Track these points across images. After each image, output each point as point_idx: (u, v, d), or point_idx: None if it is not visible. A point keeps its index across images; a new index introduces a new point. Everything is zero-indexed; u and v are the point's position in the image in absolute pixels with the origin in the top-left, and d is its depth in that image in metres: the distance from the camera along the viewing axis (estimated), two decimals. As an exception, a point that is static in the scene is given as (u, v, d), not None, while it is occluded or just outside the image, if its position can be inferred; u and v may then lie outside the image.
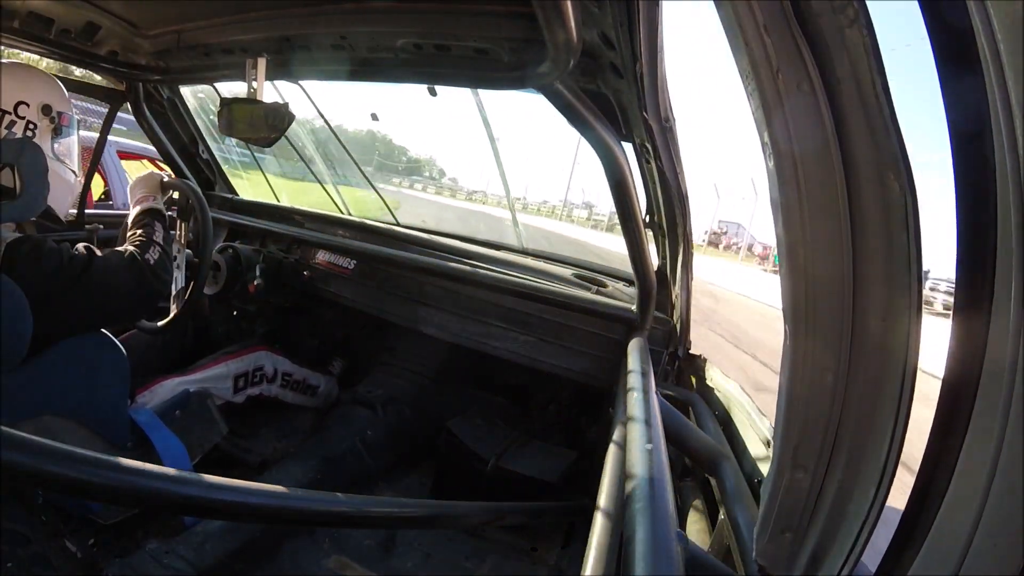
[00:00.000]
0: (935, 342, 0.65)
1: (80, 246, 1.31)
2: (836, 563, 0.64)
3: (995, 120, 0.41)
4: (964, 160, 0.46)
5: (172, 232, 1.67)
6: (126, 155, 4.54)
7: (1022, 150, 0.39)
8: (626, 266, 1.73)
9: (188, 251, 1.85)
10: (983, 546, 0.46)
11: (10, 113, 1.26)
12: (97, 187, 4.77)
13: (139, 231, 1.50)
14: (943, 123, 0.45)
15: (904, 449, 0.61)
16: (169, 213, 1.79)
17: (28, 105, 1.29)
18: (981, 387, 0.47)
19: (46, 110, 1.32)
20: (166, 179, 1.75)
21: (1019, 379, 0.43)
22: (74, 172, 1.44)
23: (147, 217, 1.56)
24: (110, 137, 4.26)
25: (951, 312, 0.51)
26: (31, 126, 1.29)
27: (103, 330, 1.38)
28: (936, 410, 0.52)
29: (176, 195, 1.78)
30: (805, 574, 0.67)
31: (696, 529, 1.20)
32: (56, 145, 1.36)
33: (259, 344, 2.09)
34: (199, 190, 1.78)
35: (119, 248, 1.40)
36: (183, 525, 1.46)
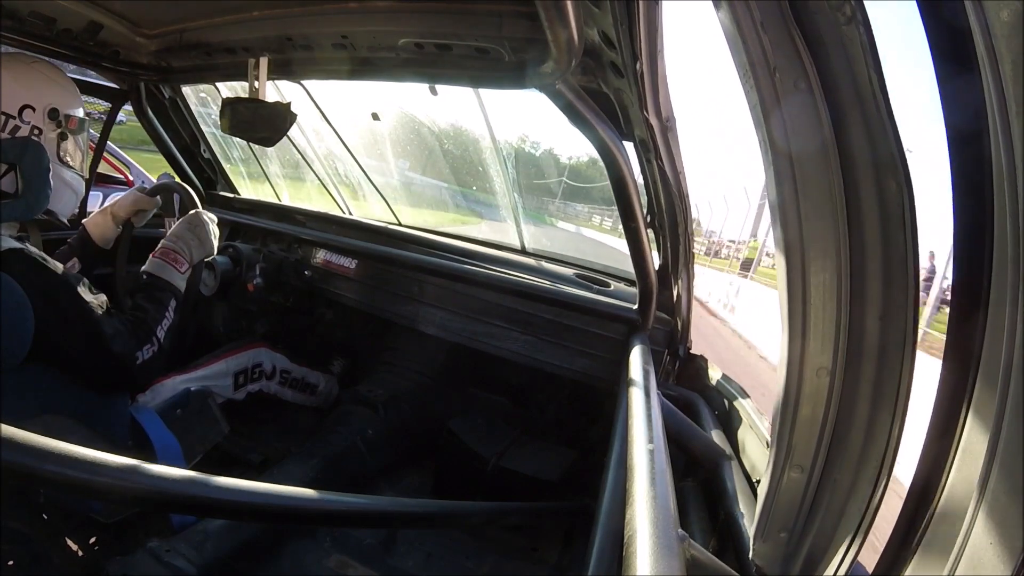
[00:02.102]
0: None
1: (93, 302, 1.25)
2: (832, 564, 0.64)
3: (992, 119, 0.41)
4: (961, 159, 0.46)
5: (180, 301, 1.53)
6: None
7: (1019, 149, 0.39)
8: (627, 266, 1.73)
9: None
10: (979, 546, 0.46)
11: (14, 118, 1.22)
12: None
13: (151, 309, 1.39)
14: (941, 122, 0.45)
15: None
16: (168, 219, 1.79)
17: (34, 109, 1.25)
18: (977, 386, 0.47)
19: (53, 114, 1.28)
20: (214, 246, 1.64)
21: (1015, 378, 0.43)
22: (81, 176, 1.41)
23: (166, 294, 1.44)
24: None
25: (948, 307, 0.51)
26: (36, 131, 1.25)
27: None
28: (933, 409, 0.51)
29: (178, 198, 1.78)
30: (802, 574, 0.67)
31: (697, 529, 1.20)
32: (62, 149, 1.32)
33: (258, 341, 2.09)
34: (195, 196, 1.76)
35: (122, 329, 1.31)
36: (172, 527, 1.46)
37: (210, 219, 1.62)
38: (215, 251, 1.65)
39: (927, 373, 0.59)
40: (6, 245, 1.18)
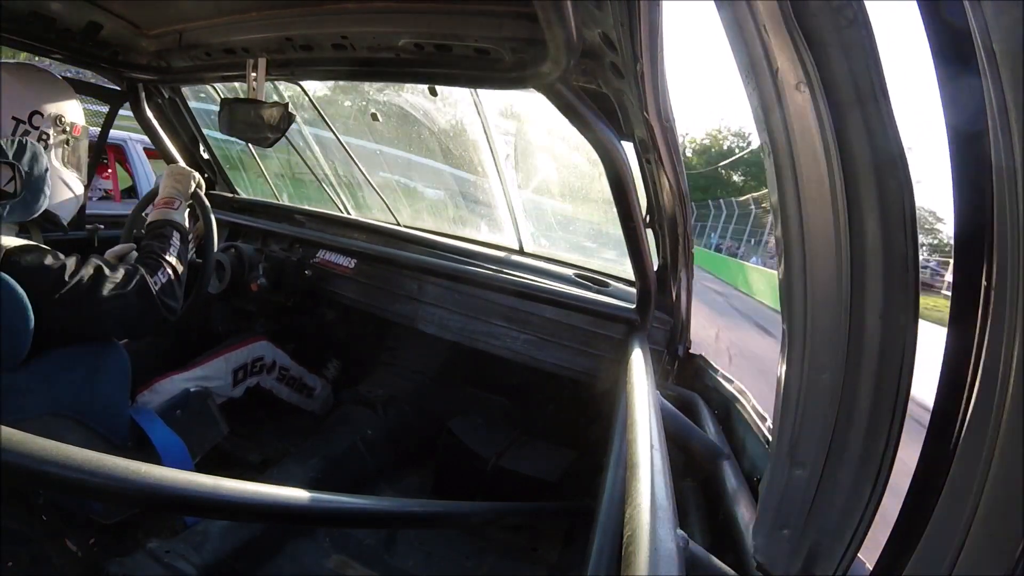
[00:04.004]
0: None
1: (90, 266, 1.25)
2: (833, 561, 0.64)
3: (991, 122, 0.41)
4: (962, 160, 0.46)
5: (189, 239, 1.60)
6: (151, 152, 4.36)
7: (1018, 151, 0.39)
8: (627, 266, 1.73)
9: (191, 253, 1.84)
10: (978, 544, 0.46)
11: (24, 123, 1.26)
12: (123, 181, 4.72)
13: (154, 243, 1.43)
14: (941, 123, 0.46)
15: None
16: None
17: (42, 115, 1.28)
18: (976, 386, 0.47)
19: (59, 121, 1.32)
20: (200, 180, 1.70)
21: (1015, 377, 0.43)
22: (82, 182, 1.44)
23: (166, 227, 1.48)
24: (136, 135, 4.18)
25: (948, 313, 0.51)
26: (44, 136, 1.29)
27: None
28: (932, 409, 0.52)
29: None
30: (803, 572, 0.67)
31: (697, 529, 1.20)
32: (66, 155, 1.36)
33: (260, 335, 2.08)
34: (202, 192, 1.77)
35: (129, 268, 1.32)
36: (184, 524, 1.47)
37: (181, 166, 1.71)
38: (201, 179, 1.71)
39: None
40: (6, 244, 1.19)
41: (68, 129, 1.34)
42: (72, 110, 1.37)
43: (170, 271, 1.38)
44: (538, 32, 0.93)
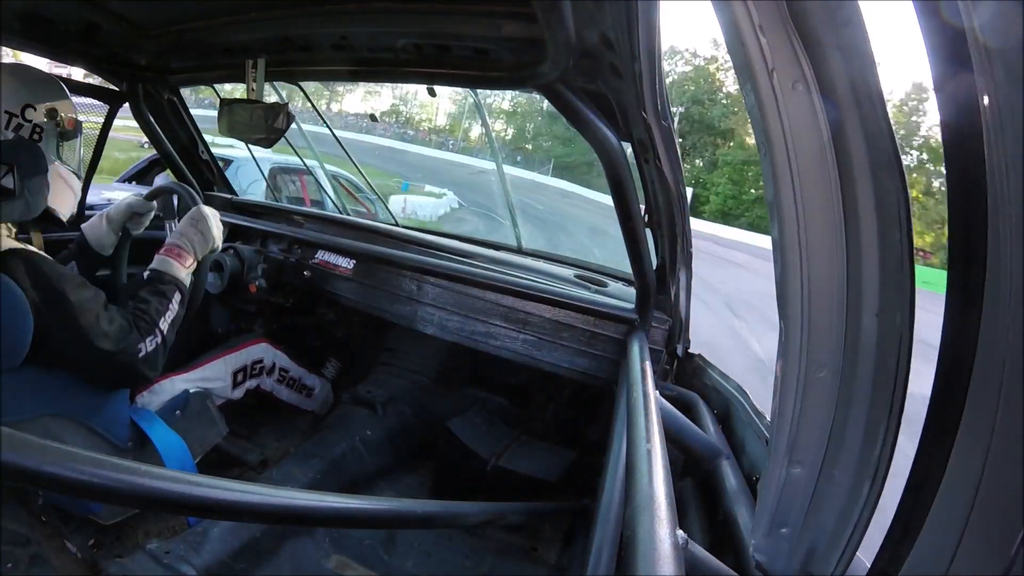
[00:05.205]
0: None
1: (95, 303, 1.25)
2: (832, 559, 0.64)
3: (985, 121, 0.42)
4: (957, 160, 0.47)
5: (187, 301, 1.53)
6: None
7: (1013, 148, 0.39)
8: (626, 266, 1.74)
9: None
10: (975, 541, 0.46)
11: (17, 116, 1.25)
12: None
13: (153, 301, 1.39)
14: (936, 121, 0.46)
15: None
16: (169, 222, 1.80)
17: (35, 109, 1.28)
18: (973, 382, 0.48)
19: (52, 114, 1.31)
20: (218, 244, 1.62)
21: (1009, 375, 0.43)
22: (77, 175, 1.44)
23: (170, 286, 1.44)
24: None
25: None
26: (37, 130, 1.29)
27: None
28: (928, 406, 0.52)
29: (176, 199, 1.78)
30: (802, 570, 0.68)
31: (696, 529, 1.20)
32: (61, 149, 1.36)
33: (259, 337, 2.08)
34: (197, 194, 1.76)
35: (124, 325, 1.30)
36: (187, 525, 1.47)
37: (212, 214, 1.60)
38: (219, 245, 1.65)
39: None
40: (6, 245, 1.19)
41: (62, 123, 1.34)
42: (65, 104, 1.36)
43: (159, 339, 1.37)
44: (538, 32, 0.93)
